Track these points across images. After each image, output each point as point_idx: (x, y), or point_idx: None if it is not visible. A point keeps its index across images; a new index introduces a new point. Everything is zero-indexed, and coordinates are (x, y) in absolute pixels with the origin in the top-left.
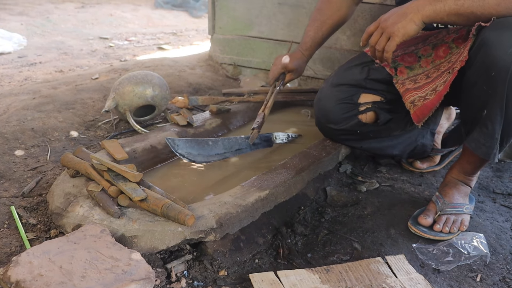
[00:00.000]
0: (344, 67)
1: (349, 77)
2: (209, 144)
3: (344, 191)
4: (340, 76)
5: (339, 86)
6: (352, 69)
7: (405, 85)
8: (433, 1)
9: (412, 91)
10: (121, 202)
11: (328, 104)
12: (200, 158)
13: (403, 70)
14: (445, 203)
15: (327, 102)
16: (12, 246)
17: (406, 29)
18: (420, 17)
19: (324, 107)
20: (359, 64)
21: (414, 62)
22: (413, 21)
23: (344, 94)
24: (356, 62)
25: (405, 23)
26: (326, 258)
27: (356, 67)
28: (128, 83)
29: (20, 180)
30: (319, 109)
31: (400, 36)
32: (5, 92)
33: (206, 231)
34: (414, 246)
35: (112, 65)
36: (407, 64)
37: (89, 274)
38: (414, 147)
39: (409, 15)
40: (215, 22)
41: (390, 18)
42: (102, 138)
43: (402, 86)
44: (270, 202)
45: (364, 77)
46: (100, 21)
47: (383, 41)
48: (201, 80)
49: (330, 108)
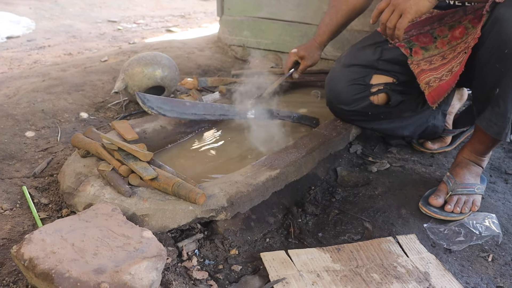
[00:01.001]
0: (357, 46)
1: (362, 58)
2: (186, 105)
3: (355, 171)
4: (352, 56)
5: (351, 67)
6: (364, 49)
7: (420, 66)
8: None
9: (428, 72)
10: (132, 181)
11: (340, 84)
12: (173, 113)
13: (418, 51)
14: (456, 183)
15: (339, 83)
16: (25, 225)
17: (418, 6)
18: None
19: (335, 88)
20: (372, 44)
21: (429, 43)
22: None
23: (356, 74)
24: (369, 41)
25: (418, 0)
26: (337, 238)
27: (369, 47)
28: (138, 64)
29: (31, 161)
30: (330, 90)
31: (412, 13)
32: (15, 75)
33: (217, 210)
34: (425, 226)
35: (121, 48)
36: (422, 44)
37: (101, 251)
38: (425, 128)
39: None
40: (224, 4)
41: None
42: (111, 119)
43: (417, 67)
44: (281, 181)
45: (377, 58)
46: (108, 4)
47: (395, 18)
48: (210, 62)
49: (342, 89)
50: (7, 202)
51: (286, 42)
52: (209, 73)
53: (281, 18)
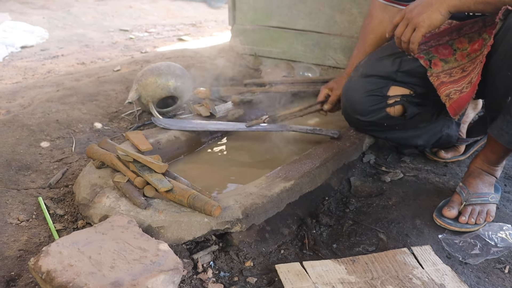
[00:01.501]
0: (375, 56)
1: (380, 69)
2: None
3: (368, 182)
4: (370, 67)
5: (368, 77)
6: (383, 60)
7: (440, 78)
8: None
9: (448, 84)
10: (147, 193)
11: (357, 95)
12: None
13: (437, 63)
14: (469, 193)
15: (356, 93)
16: (41, 237)
17: (431, 20)
18: (445, 7)
19: (352, 98)
20: (391, 55)
21: (449, 55)
22: (439, 11)
23: (374, 85)
24: (388, 52)
25: (430, 13)
26: (351, 249)
27: (387, 58)
28: (151, 75)
29: (47, 171)
30: (347, 100)
31: (425, 27)
32: (29, 85)
33: (232, 221)
34: (440, 237)
35: (133, 57)
36: (442, 56)
37: (118, 264)
38: (439, 137)
39: (435, 5)
40: (236, 13)
41: (415, 8)
42: (125, 129)
43: (436, 79)
44: (295, 192)
45: (395, 70)
46: (119, 13)
47: (409, 32)
48: (222, 71)
49: (358, 100)
50: (23, 213)
51: (298, 50)
52: (221, 82)
53: (292, 27)
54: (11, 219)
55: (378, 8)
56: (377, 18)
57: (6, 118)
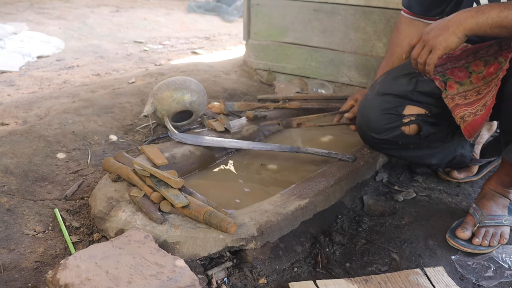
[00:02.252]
0: (392, 75)
1: (396, 87)
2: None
3: (381, 200)
4: (387, 85)
5: (385, 95)
6: (399, 79)
7: (454, 100)
8: (476, 13)
9: (462, 106)
10: (163, 208)
11: (372, 112)
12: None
13: (452, 85)
14: (483, 215)
15: (371, 111)
16: (57, 249)
17: (447, 42)
18: (462, 30)
19: (367, 115)
20: (408, 74)
21: (464, 78)
22: (455, 34)
23: (389, 104)
24: (405, 71)
25: (447, 36)
26: (364, 268)
27: (404, 77)
28: (167, 89)
29: (63, 183)
30: (362, 117)
31: (441, 49)
32: (45, 95)
33: (247, 239)
34: (453, 259)
35: (148, 69)
36: (457, 79)
37: (135, 279)
38: (453, 157)
39: (451, 28)
40: (250, 28)
41: (432, 31)
42: (140, 142)
43: (451, 101)
44: (310, 211)
45: (412, 89)
46: (134, 25)
47: (425, 54)
48: (236, 86)
49: (374, 117)
50: (39, 224)
51: (312, 67)
52: (235, 97)
53: (307, 44)
54: (28, 230)
55: (405, 23)
56: (403, 32)
57: (23, 128)
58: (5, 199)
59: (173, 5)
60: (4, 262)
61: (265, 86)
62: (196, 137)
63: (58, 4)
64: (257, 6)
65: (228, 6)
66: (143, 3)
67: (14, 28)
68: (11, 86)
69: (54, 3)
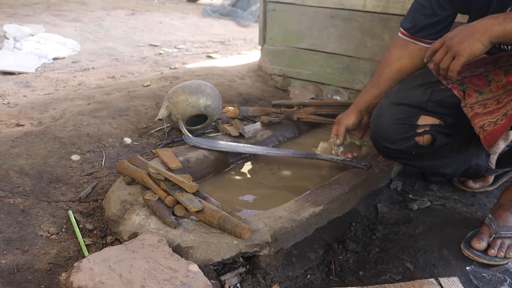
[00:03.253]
0: (407, 85)
1: (411, 98)
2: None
3: (395, 209)
4: (401, 95)
5: (399, 105)
6: (414, 89)
7: (474, 109)
8: (503, 20)
9: (482, 116)
10: (178, 212)
11: (386, 122)
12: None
13: (471, 94)
14: (499, 226)
15: (385, 121)
16: (70, 251)
17: (472, 49)
18: (487, 37)
19: (381, 125)
20: (423, 84)
21: (484, 86)
22: (480, 41)
23: (404, 114)
24: (420, 81)
25: (472, 43)
26: (378, 277)
27: (419, 87)
28: (182, 93)
29: (77, 185)
30: (376, 126)
31: (465, 56)
32: (61, 97)
33: (261, 245)
34: (468, 269)
35: (163, 73)
36: (477, 88)
37: (149, 284)
38: (468, 167)
39: (476, 34)
40: (266, 33)
41: (456, 36)
42: (154, 145)
43: (471, 110)
44: (324, 218)
45: (426, 99)
46: (149, 28)
47: (448, 60)
48: (250, 91)
49: (388, 127)
50: (53, 226)
51: (327, 73)
52: (250, 102)
53: (323, 50)
54: (42, 231)
55: (398, 45)
56: (395, 54)
57: (38, 129)
58: (20, 200)
59: (188, 9)
60: (17, 263)
61: (280, 92)
62: (210, 142)
63: (74, 6)
64: (273, 12)
65: (243, 11)
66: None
67: (31, 29)
68: (27, 87)
69: (70, 6)
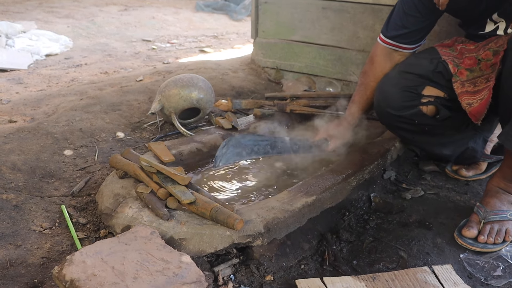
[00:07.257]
0: (413, 57)
1: (418, 67)
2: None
3: (389, 198)
4: (408, 65)
5: (406, 74)
6: (421, 60)
7: (464, 86)
8: None
9: (471, 95)
10: (170, 204)
11: (392, 88)
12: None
13: (463, 72)
14: (487, 211)
15: (391, 87)
16: (64, 245)
17: None
18: None
19: (386, 91)
20: (429, 57)
21: (474, 65)
22: None
23: (410, 82)
24: (427, 55)
25: None
26: (372, 266)
27: (425, 58)
28: (174, 86)
29: (70, 180)
30: (381, 92)
31: None
32: (53, 93)
33: (254, 235)
34: (462, 257)
35: (156, 67)
36: (467, 66)
37: (141, 275)
38: (465, 150)
39: None
40: (258, 26)
41: None
42: (147, 139)
43: (461, 86)
44: (317, 208)
45: (432, 69)
46: (142, 24)
47: None
48: (243, 84)
49: (393, 93)
50: (46, 221)
51: (320, 65)
52: (243, 95)
53: (315, 42)
54: (35, 226)
55: (381, 55)
56: (379, 66)
57: (31, 125)
58: (13, 195)
59: (181, 4)
60: (11, 257)
61: (273, 84)
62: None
63: (66, 3)
64: (265, 4)
65: (236, 5)
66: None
67: (23, 26)
68: (19, 84)
69: (63, 2)
